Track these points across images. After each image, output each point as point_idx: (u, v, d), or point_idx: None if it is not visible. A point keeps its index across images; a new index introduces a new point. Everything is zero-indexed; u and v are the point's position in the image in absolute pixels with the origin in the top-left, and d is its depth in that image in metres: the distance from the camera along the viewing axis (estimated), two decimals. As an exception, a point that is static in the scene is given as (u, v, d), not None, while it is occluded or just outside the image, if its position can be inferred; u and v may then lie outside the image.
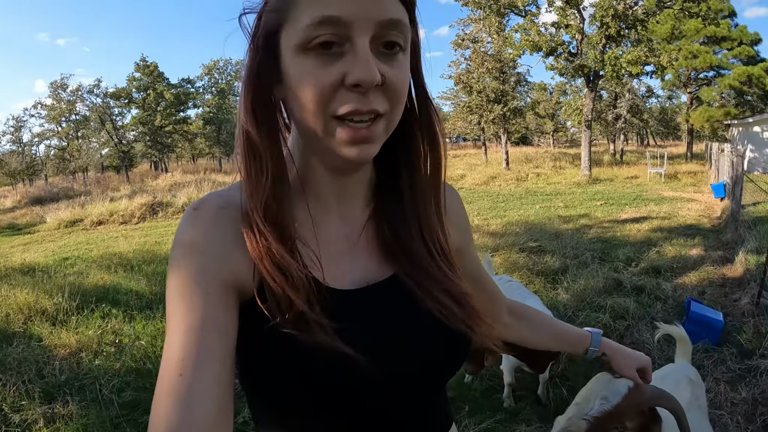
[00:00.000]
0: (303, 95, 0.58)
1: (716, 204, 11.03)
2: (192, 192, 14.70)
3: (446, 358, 0.72)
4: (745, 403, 3.02)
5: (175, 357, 0.55)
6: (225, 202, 0.64)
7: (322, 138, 0.60)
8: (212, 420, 0.54)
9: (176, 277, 0.60)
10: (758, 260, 5.59)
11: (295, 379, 0.61)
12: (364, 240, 0.72)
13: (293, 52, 0.58)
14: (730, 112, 25.28)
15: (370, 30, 0.57)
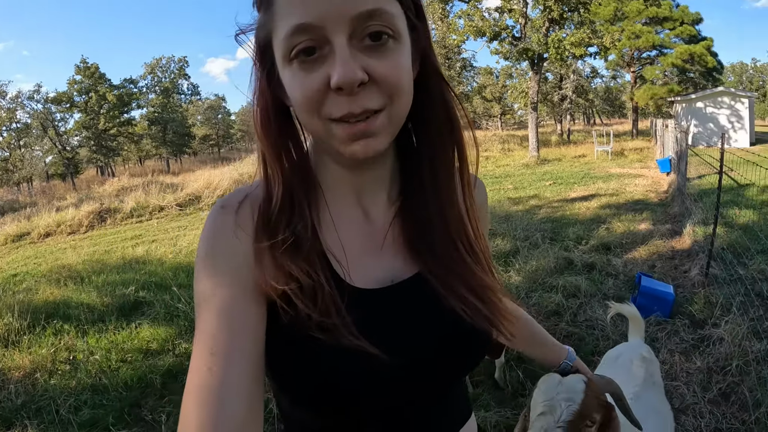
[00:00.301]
0: (296, 103, 0.59)
1: (662, 179, 11.36)
2: (140, 196, 14.22)
3: (468, 355, 0.72)
4: (700, 372, 3.09)
5: (205, 352, 0.56)
6: (251, 199, 0.65)
7: (325, 139, 0.61)
8: (243, 415, 0.54)
9: (205, 276, 0.60)
10: (705, 232, 5.76)
11: (321, 378, 0.61)
12: (390, 238, 0.71)
13: (281, 63, 0.59)
14: (674, 90, 26.16)
15: (345, 28, 0.55)
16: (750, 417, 2.58)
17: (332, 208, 0.68)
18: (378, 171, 0.70)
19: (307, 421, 0.70)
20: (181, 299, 4.73)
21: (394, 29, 0.58)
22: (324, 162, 0.69)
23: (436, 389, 0.71)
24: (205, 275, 0.61)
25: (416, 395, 0.68)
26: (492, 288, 0.71)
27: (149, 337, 4.14)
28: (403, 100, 0.60)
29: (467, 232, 0.71)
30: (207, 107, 60.57)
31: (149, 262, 7.20)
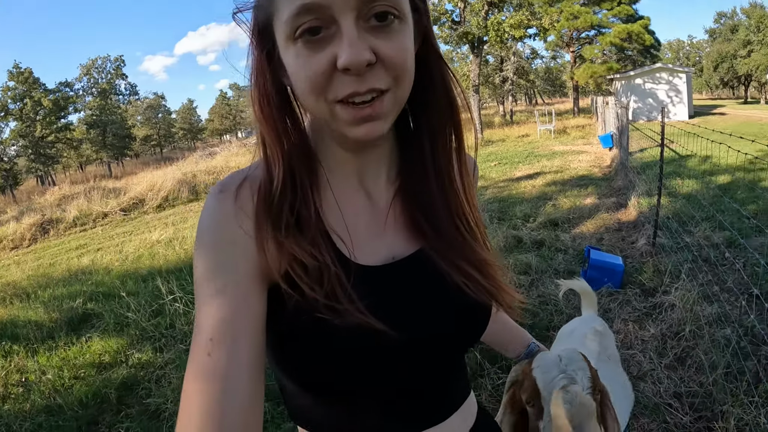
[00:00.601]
0: (300, 84, 0.58)
1: (605, 154, 11.69)
2: (82, 203, 13.65)
3: (471, 329, 0.73)
4: (655, 339, 3.19)
5: (204, 337, 0.55)
6: (248, 180, 0.64)
7: (328, 121, 0.60)
8: (244, 401, 0.54)
9: (204, 260, 0.60)
10: (650, 203, 5.95)
11: (330, 357, 0.61)
12: (391, 217, 0.72)
13: (284, 43, 0.58)
14: (613, 68, 27.01)
15: (352, 7, 0.54)
16: (708, 379, 2.66)
17: (334, 189, 0.68)
18: (378, 151, 0.70)
19: (312, 404, 0.69)
20: (130, 308, 4.56)
21: (399, 9, 0.57)
22: (325, 143, 0.68)
23: (441, 364, 0.72)
24: (205, 261, 0.60)
25: (422, 370, 0.69)
26: (491, 262, 0.72)
27: (101, 350, 3.96)
28: (407, 82, 0.60)
29: (465, 210, 0.73)
30: (146, 107, 58.81)
31: (95, 271, 6.91)
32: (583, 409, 0.91)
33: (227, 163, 18.48)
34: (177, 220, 10.99)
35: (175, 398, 2.98)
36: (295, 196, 0.63)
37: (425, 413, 0.72)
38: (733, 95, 58.57)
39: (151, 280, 5.66)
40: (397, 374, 0.66)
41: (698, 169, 7.99)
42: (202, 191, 15.05)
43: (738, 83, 49.72)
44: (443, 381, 0.75)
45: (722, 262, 4.20)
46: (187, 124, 67.29)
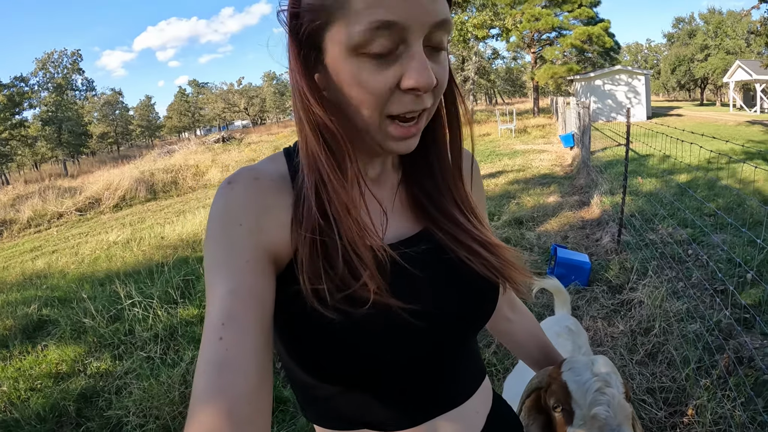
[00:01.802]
0: (358, 96, 0.59)
1: (566, 153, 11.90)
2: (36, 203, 13.12)
3: (480, 305, 0.74)
4: (624, 336, 3.22)
5: (215, 322, 0.56)
6: (258, 174, 0.66)
7: (372, 133, 0.63)
8: (254, 384, 0.54)
9: (214, 247, 0.61)
10: (613, 201, 6.05)
11: (342, 338, 0.62)
12: (397, 202, 0.75)
13: (346, 52, 0.57)
14: (573, 69, 27.63)
15: (424, 32, 0.57)
16: (680, 374, 2.70)
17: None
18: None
19: (329, 395, 0.70)
20: (87, 313, 4.36)
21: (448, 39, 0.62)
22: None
23: (453, 342, 0.73)
24: (215, 246, 0.61)
25: (437, 349, 0.70)
26: (497, 244, 0.75)
27: (57, 358, 3.75)
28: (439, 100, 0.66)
29: (468, 198, 0.77)
30: (104, 103, 57.19)
31: (51, 275, 6.62)
32: (621, 411, 0.90)
33: (186, 161, 18.13)
34: (134, 220, 10.70)
35: (137, 410, 2.84)
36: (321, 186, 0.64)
37: (444, 395, 0.74)
38: (689, 97, 60.61)
39: (108, 283, 5.45)
40: (412, 353, 0.67)
41: (659, 168, 8.18)
42: (160, 190, 14.72)
43: (694, 86, 51.43)
44: (458, 362, 0.76)
45: (686, 258, 4.29)
46: (145, 122, 65.69)
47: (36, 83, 41.44)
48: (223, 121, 69.45)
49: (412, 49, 0.57)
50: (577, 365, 0.95)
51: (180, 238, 7.35)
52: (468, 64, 32.21)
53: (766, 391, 2.47)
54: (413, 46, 0.57)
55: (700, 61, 45.13)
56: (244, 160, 18.18)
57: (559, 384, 0.95)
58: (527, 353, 1.07)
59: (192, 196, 13.41)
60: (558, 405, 0.95)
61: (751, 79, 27.02)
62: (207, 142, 26.48)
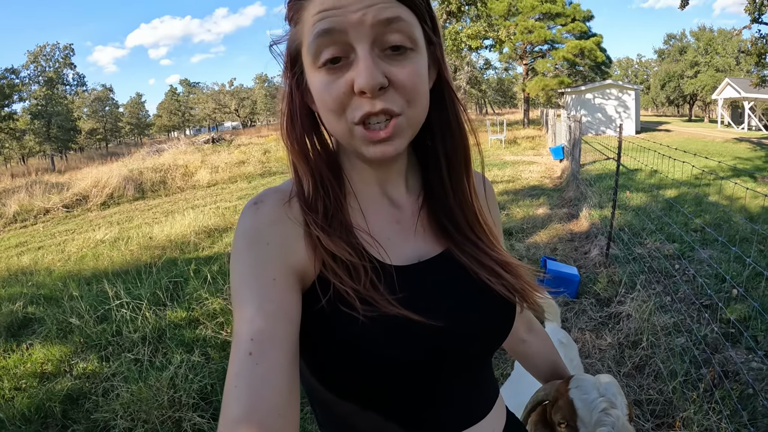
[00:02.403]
0: (323, 107, 0.65)
1: (556, 165, 11.99)
2: (23, 198, 12.93)
3: (500, 324, 0.77)
4: (612, 348, 3.25)
5: (245, 338, 0.57)
6: (284, 196, 0.69)
7: (348, 141, 0.66)
8: (284, 399, 0.55)
9: (242, 266, 0.63)
10: (601, 214, 6.11)
11: (365, 353, 0.63)
12: (420, 225, 0.78)
13: (310, 68, 0.65)
14: (564, 82, 27.89)
15: (367, 35, 0.61)
16: (667, 387, 2.74)
17: (359, 197, 0.74)
18: (397, 165, 0.77)
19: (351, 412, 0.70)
20: (73, 312, 4.32)
21: (412, 39, 0.64)
22: (350, 160, 0.74)
23: (473, 360, 0.75)
24: (242, 265, 0.63)
25: (457, 365, 0.72)
26: (514, 263, 0.78)
27: (43, 358, 3.70)
28: (419, 106, 0.66)
29: (484, 219, 0.80)
30: (94, 99, 56.66)
31: (36, 272, 6.53)
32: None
33: (175, 161, 17.95)
34: (122, 219, 10.60)
35: (125, 413, 2.81)
36: (327, 202, 0.69)
37: (462, 413, 0.75)
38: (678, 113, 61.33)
39: (95, 282, 5.40)
40: (433, 369, 0.69)
41: (647, 182, 8.27)
42: (149, 189, 14.59)
43: (683, 102, 52.06)
44: (476, 380, 0.78)
45: (674, 272, 4.34)
46: (134, 119, 65.19)
47: (27, 76, 40.93)
48: (213, 122, 69.17)
49: (359, 54, 0.61)
50: (584, 384, 0.97)
51: (168, 238, 7.29)
52: (460, 73, 32.40)
53: (752, 404, 2.52)
54: (359, 50, 0.61)
55: (690, 78, 45.71)
56: (233, 162, 18.05)
57: (566, 401, 0.96)
58: (539, 372, 1.09)
59: (181, 197, 13.32)
60: (564, 422, 0.96)
61: (739, 96, 27.44)
62: (197, 142, 26.27)
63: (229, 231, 7.62)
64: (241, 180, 15.29)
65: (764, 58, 11.74)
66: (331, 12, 0.60)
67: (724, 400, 2.53)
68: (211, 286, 4.66)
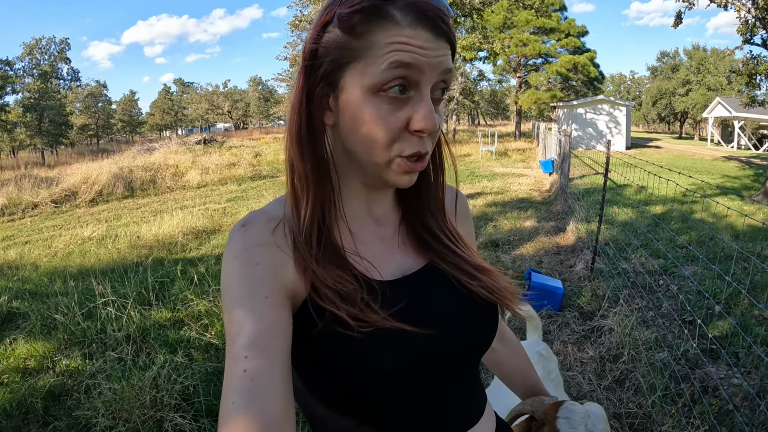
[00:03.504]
0: (372, 134, 0.64)
1: (545, 178, 12.08)
2: (11, 191, 12.80)
3: (487, 330, 0.80)
4: (594, 361, 3.29)
5: (239, 354, 0.58)
6: (271, 217, 0.70)
7: (381, 168, 0.68)
8: (280, 415, 0.56)
9: (233, 286, 0.63)
10: (588, 228, 6.17)
11: (359, 368, 0.65)
12: (401, 239, 0.80)
13: (365, 91, 0.63)
14: (556, 95, 28.15)
15: (434, 78, 0.64)
16: (646, 401, 2.77)
17: (348, 219, 0.75)
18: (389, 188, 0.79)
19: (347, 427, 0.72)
20: (58, 309, 4.30)
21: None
22: (346, 179, 0.74)
23: (463, 367, 0.77)
24: (234, 284, 0.63)
25: (449, 374, 0.74)
26: (489, 267, 0.82)
27: (26, 353, 3.68)
28: None
29: (456, 232, 0.84)
30: (87, 94, 56.21)
31: (22, 266, 6.47)
32: None
33: (166, 160, 17.88)
34: (110, 216, 10.53)
35: (106, 411, 2.80)
36: (322, 228, 0.69)
37: (455, 422, 0.77)
38: (668, 130, 61.91)
39: (81, 279, 5.36)
40: (428, 379, 0.70)
41: (634, 198, 8.36)
42: (138, 188, 14.50)
43: (674, 119, 52.52)
44: (467, 388, 0.80)
45: (657, 288, 4.40)
46: (127, 116, 64.78)
47: (21, 68, 40.65)
48: (205, 123, 68.88)
49: (422, 94, 0.63)
50: (573, 416, 0.98)
51: (156, 238, 7.26)
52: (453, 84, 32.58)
53: (730, 419, 2.55)
54: (423, 91, 0.64)
55: (682, 96, 46.15)
56: (224, 164, 18.00)
57: (552, 428, 0.97)
58: (512, 383, 1.11)
59: (170, 197, 13.26)
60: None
61: (729, 115, 27.81)
62: (188, 142, 26.20)
63: (217, 233, 7.61)
64: (231, 182, 15.25)
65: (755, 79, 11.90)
66: (413, 48, 0.61)
67: (703, 416, 2.57)
68: (197, 288, 4.65)
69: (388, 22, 0.61)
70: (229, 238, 0.68)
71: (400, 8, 0.61)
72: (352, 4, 0.62)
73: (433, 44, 0.63)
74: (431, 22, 0.62)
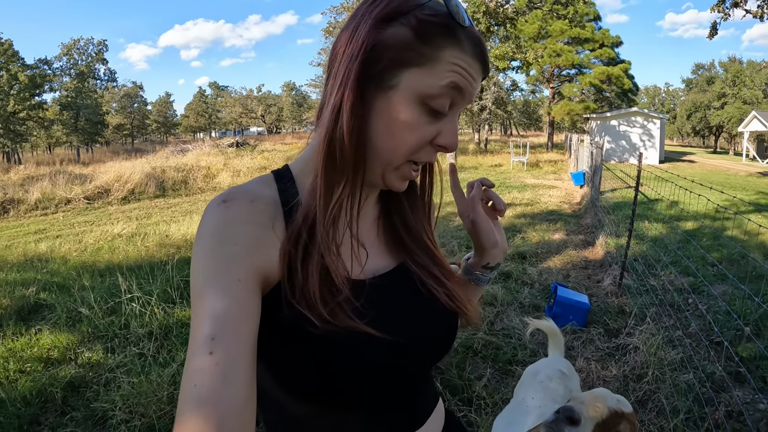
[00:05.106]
0: (404, 137, 0.66)
1: (576, 190, 11.90)
2: (46, 186, 13.20)
3: (448, 334, 0.81)
4: (617, 380, 3.19)
5: (205, 337, 0.57)
6: (254, 196, 0.68)
7: (389, 169, 0.70)
8: (243, 399, 0.56)
9: (206, 264, 0.62)
10: (617, 243, 6.04)
11: (320, 361, 0.65)
12: (377, 235, 0.81)
13: (414, 96, 0.64)
14: (589, 107, 27.79)
15: (467, 104, 0.70)
16: (668, 424, 2.68)
17: None
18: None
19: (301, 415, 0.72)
20: (84, 302, 4.38)
21: None
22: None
23: (420, 368, 0.80)
24: (207, 262, 0.62)
25: (405, 374, 0.75)
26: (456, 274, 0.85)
27: (50, 344, 3.76)
28: None
29: (431, 231, 0.86)
30: (123, 95, 57.77)
31: (52, 259, 6.65)
32: None
33: (198, 162, 18.20)
34: (141, 215, 10.74)
35: (124, 405, 2.84)
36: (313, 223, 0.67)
37: (408, 418, 0.79)
38: (703, 144, 60.64)
39: (108, 275, 5.48)
40: (383, 378, 0.71)
41: (666, 213, 8.17)
42: (170, 188, 14.77)
43: (709, 133, 51.50)
44: (422, 386, 0.82)
45: (686, 307, 4.27)
46: (161, 117, 66.28)
47: (59, 68, 41.98)
48: (238, 126, 69.97)
49: (454, 115, 0.69)
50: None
51: (185, 238, 7.37)
52: (486, 93, 32.43)
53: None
54: (456, 112, 0.69)
55: (717, 109, 45.22)
56: (255, 167, 18.21)
57: None
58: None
59: (200, 197, 13.48)
60: None
61: (765, 130, 27.12)
62: (221, 144, 26.56)
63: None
64: (261, 185, 15.36)
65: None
66: (468, 76, 0.66)
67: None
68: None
69: (458, 43, 0.64)
70: (206, 212, 0.66)
71: (466, 36, 0.65)
72: (434, 12, 0.64)
73: (479, 78, 0.68)
74: (484, 59, 0.68)
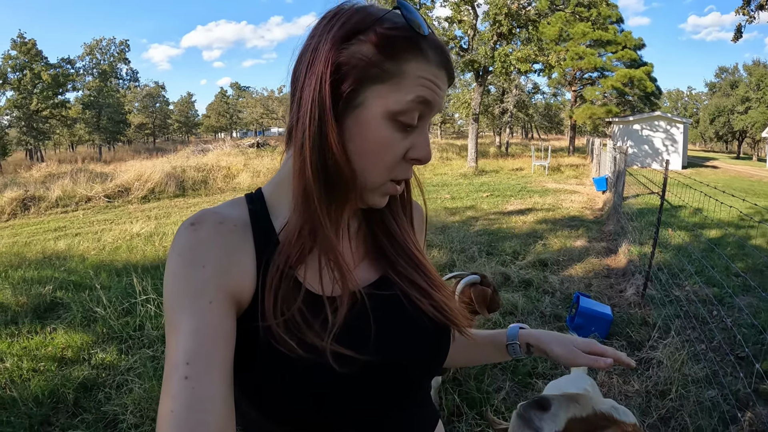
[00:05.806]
0: (380, 156, 0.65)
1: (598, 196, 11.71)
2: (67, 184, 13.33)
3: (435, 350, 0.78)
4: (639, 396, 3.08)
5: (180, 362, 0.56)
6: (222, 218, 0.67)
7: (369, 188, 0.68)
8: (222, 424, 0.55)
9: (177, 287, 0.61)
10: (641, 251, 5.90)
11: (292, 381, 0.63)
12: (359, 247, 0.79)
13: (385, 114, 0.63)
14: (612, 111, 27.43)
15: (434, 115, 0.69)
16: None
17: None
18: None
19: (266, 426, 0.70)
20: (100, 302, 4.38)
21: None
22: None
23: (404, 389, 0.74)
24: (179, 286, 0.61)
25: (386, 397, 0.71)
26: (441, 281, 0.80)
27: (64, 343, 3.76)
28: None
29: (417, 244, 0.82)
30: (145, 95, 58.53)
31: (70, 258, 6.69)
32: None
33: (218, 162, 18.27)
34: (160, 214, 10.80)
35: (135, 409, 2.82)
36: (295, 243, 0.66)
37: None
38: (726, 149, 59.68)
39: (125, 275, 5.48)
40: (363, 400, 0.68)
41: (690, 221, 7.98)
42: (190, 188, 14.85)
43: (732, 138, 50.64)
44: (412, 409, 0.78)
45: (711, 319, 4.13)
46: (183, 117, 67.01)
47: (82, 67, 42.76)
48: (259, 126, 70.37)
49: (424, 128, 0.68)
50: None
51: (202, 238, 7.36)
52: (508, 96, 32.27)
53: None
54: (425, 124, 0.68)
55: (740, 114, 44.40)
56: (275, 168, 18.00)
57: None
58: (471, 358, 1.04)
59: (220, 198, 13.51)
60: None
61: (789, 136, 26.51)
62: (241, 145, 26.69)
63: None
64: (280, 186, 15.40)
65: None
66: (435, 88, 0.65)
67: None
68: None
69: (422, 56, 0.63)
70: (177, 235, 0.65)
71: (429, 45, 0.64)
72: (393, 26, 0.63)
73: (445, 87, 0.67)
74: (448, 66, 0.67)
